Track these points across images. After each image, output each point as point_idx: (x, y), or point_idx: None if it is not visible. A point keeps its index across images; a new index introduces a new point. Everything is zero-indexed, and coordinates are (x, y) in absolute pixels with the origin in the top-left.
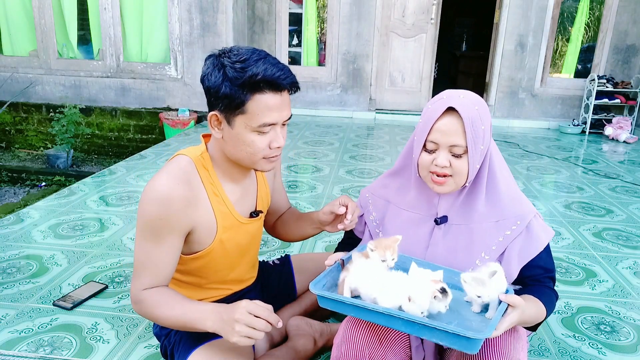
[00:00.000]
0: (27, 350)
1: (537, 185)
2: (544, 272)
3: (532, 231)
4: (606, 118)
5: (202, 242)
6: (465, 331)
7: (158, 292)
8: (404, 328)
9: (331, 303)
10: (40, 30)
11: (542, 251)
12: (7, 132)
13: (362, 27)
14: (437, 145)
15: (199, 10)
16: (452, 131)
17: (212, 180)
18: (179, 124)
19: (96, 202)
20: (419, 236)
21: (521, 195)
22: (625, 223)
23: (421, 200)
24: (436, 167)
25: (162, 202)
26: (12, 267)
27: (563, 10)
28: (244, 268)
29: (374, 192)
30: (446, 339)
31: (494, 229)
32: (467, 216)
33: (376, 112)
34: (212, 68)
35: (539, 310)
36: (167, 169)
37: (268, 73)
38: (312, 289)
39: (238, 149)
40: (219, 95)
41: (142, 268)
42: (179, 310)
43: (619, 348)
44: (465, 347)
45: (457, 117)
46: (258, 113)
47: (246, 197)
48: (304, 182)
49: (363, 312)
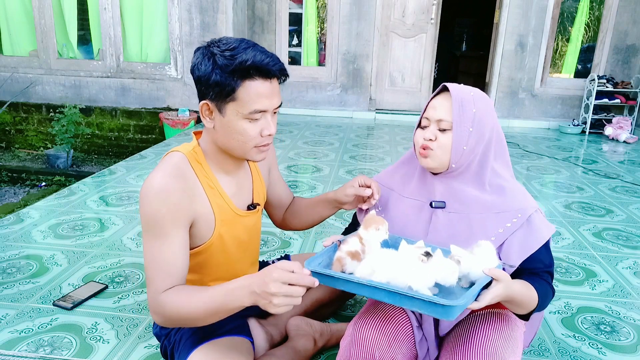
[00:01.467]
0: (27, 350)
1: (537, 185)
2: (543, 267)
3: (534, 225)
4: (606, 118)
5: (201, 236)
6: (440, 299)
7: (175, 291)
8: (387, 299)
9: (322, 278)
10: (40, 30)
11: (542, 246)
12: (7, 132)
13: (362, 27)
14: (429, 121)
15: (199, 10)
16: (441, 107)
17: (206, 173)
18: (179, 124)
19: (96, 202)
20: (420, 222)
21: (524, 190)
22: (625, 223)
23: (421, 186)
24: (424, 140)
25: (159, 197)
26: (12, 267)
27: (563, 10)
28: (244, 265)
29: (379, 181)
30: (424, 307)
31: (494, 219)
32: (467, 205)
33: (376, 112)
34: (202, 57)
35: (530, 293)
36: (160, 166)
37: (257, 59)
38: (307, 266)
39: (230, 138)
40: (209, 84)
41: (155, 271)
42: (205, 299)
43: (619, 348)
44: (442, 315)
45: (449, 97)
46: (249, 100)
47: (242, 190)
48: (304, 182)
49: (350, 285)
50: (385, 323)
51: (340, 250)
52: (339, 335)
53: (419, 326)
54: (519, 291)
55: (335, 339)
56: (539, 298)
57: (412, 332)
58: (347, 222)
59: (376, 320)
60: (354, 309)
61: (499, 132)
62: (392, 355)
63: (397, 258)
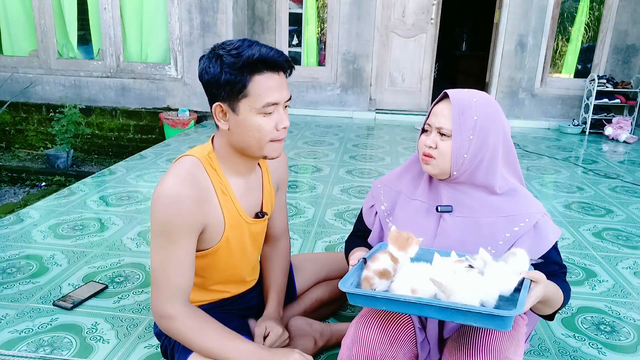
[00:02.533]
0: (27, 350)
1: (537, 185)
2: (558, 268)
3: (541, 230)
4: (606, 118)
5: (210, 240)
6: (498, 311)
7: (193, 316)
8: (437, 315)
9: (361, 299)
10: (40, 30)
11: (552, 249)
12: (7, 132)
13: (362, 27)
14: (430, 127)
15: (199, 10)
16: (442, 114)
17: (220, 179)
18: (179, 124)
19: (96, 202)
20: (427, 225)
21: (531, 195)
22: (625, 223)
23: (429, 189)
24: (425, 147)
25: (173, 205)
26: (12, 267)
27: (563, 10)
28: (246, 270)
29: (386, 184)
30: (480, 320)
31: (501, 224)
32: (474, 209)
33: (376, 112)
34: (209, 61)
35: (559, 292)
36: (172, 171)
37: (263, 52)
38: (341, 286)
39: (246, 136)
40: (220, 84)
41: (164, 278)
42: (215, 344)
43: (619, 348)
44: (498, 326)
45: (448, 104)
46: (260, 94)
47: (252, 196)
48: (304, 182)
49: (394, 304)
50: (387, 323)
51: (368, 269)
52: (339, 335)
53: (421, 328)
54: (553, 291)
55: (336, 338)
56: (564, 297)
57: (414, 332)
58: (347, 222)
59: (378, 319)
60: (354, 309)
61: (506, 137)
62: (393, 354)
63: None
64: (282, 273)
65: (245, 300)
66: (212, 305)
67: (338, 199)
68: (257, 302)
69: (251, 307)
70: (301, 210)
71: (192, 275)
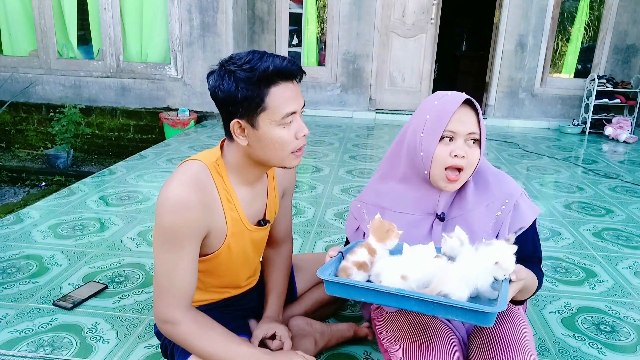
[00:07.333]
0: (27, 350)
1: (537, 185)
2: (531, 252)
3: (519, 208)
4: (606, 118)
5: (211, 246)
6: (482, 306)
7: (196, 320)
8: (418, 308)
9: (339, 288)
10: (40, 30)
11: (529, 229)
12: (7, 132)
13: (362, 27)
14: (455, 134)
15: (199, 10)
16: (470, 121)
17: (226, 186)
18: (179, 123)
19: (96, 202)
20: (420, 236)
21: (504, 175)
22: (625, 223)
23: (420, 200)
24: (455, 157)
25: (178, 210)
26: (12, 267)
27: (563, 10)
28: (245, 275)
29: (365, 201)
30: (462, 315)
31: (485, 213)
32: (461, 207)
33: (376, 112)
34: (220, 78)
35: (534, 280)
36: (177, 175)
37: (277, 64)
38: (320, 274)
39: (268, 149)
40: (237, 100)
41: (168, 283)
42: (219, 349)
43: (619, 348)
44: (481, 321)
45: (469, 109)
46: (279, 105)
47: (256, 202)
48: (304, 182)
49: (372, 295)
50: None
51: (347, 260)
52: (339, 336)
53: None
54: (530, 282)
55: (336, 339)
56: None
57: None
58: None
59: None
60: (354, 309)
61: None
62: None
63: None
64: (284, 276)
65: (246, 301)
66: (212, 305)
67: (338, 199)
68: (257, 303)
69: (252, 308)
70: (301, 210)
71: (195, 280)
